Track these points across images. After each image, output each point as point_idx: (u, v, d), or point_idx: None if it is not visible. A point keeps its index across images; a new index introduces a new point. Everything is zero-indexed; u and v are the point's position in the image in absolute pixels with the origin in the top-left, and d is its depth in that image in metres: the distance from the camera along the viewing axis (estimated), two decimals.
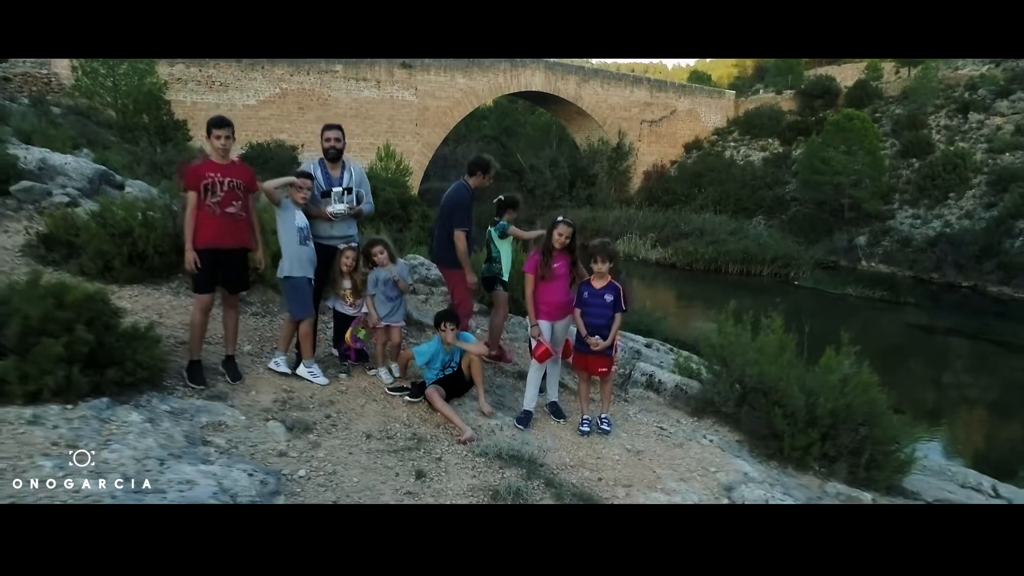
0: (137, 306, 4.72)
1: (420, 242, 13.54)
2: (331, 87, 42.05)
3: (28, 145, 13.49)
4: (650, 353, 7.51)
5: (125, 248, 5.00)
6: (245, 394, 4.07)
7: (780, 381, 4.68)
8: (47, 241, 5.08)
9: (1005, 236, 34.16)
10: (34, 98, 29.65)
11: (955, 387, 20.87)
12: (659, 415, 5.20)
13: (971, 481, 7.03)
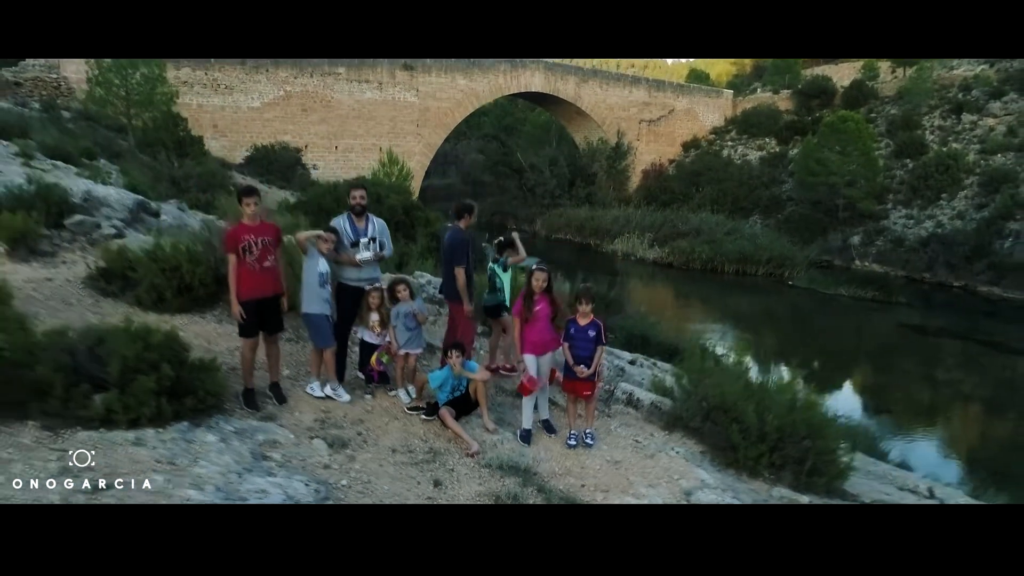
0: (188, 334, 5.44)
1: (425, 256, 14.23)
2: (334, 89, 42.63)
3: (54, 160, 14.21)
4: (633, 370, 8.18)
5: (174, 281, 5.73)
6: (290, 415, 4.79)
7: (737, 401, 5.35)
8: (105, 275, 5.79)
9: (995, 237, 34.84)
10: (45, 103, 30.31)
11: (943, 386, 21.60)
12: (636, 429, 5.91)
13: (909, 484, 7.74)
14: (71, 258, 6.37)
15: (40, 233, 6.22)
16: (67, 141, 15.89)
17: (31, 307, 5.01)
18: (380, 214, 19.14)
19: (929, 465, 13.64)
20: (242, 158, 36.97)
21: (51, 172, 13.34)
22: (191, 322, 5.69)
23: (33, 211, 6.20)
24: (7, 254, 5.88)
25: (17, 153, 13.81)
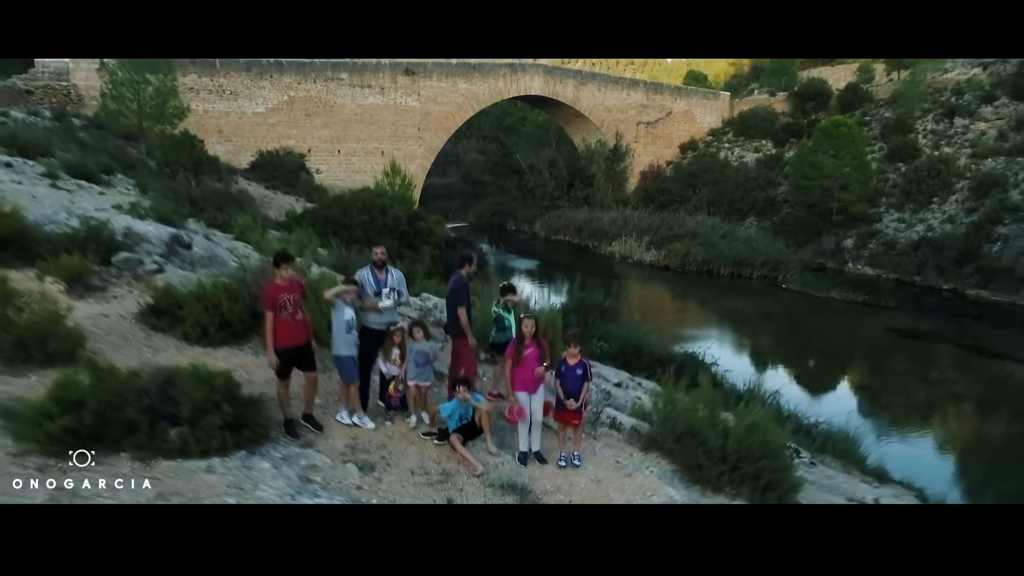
0: (230, 365, 6.20)
1: (430, 274, 14.98)
2: (337, 94, 43.35)
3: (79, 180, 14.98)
4: (619, 392, 8.91)
5: (216, 318, 6.49)
6: (325, 441, 5.55)
7: (702, 427, 6.09)
8: (154, 311, 6.56)
9: (984, 241, 35.61)
10: (56, 111, 31.07)
11: (926, 390, 22.41)
12: (618, 450, 6.67)
13: (858, 495, 8.52)
14: (120, 293, 7.12)
15: (92, 271, 6.99)
16: (87, 159, 16.64)
17: (95, 344, 5.77)
18: (385, 225, 19.82)
19: (907, 469, 14.34)
20: (247, 163, 37.65)
21: (76, 192, 14.13)
22: (231, 354, 6.46)
23: (87, 252, 6.98)
24: (66, 291, 6.65)
25: (43, 173, 14.59)
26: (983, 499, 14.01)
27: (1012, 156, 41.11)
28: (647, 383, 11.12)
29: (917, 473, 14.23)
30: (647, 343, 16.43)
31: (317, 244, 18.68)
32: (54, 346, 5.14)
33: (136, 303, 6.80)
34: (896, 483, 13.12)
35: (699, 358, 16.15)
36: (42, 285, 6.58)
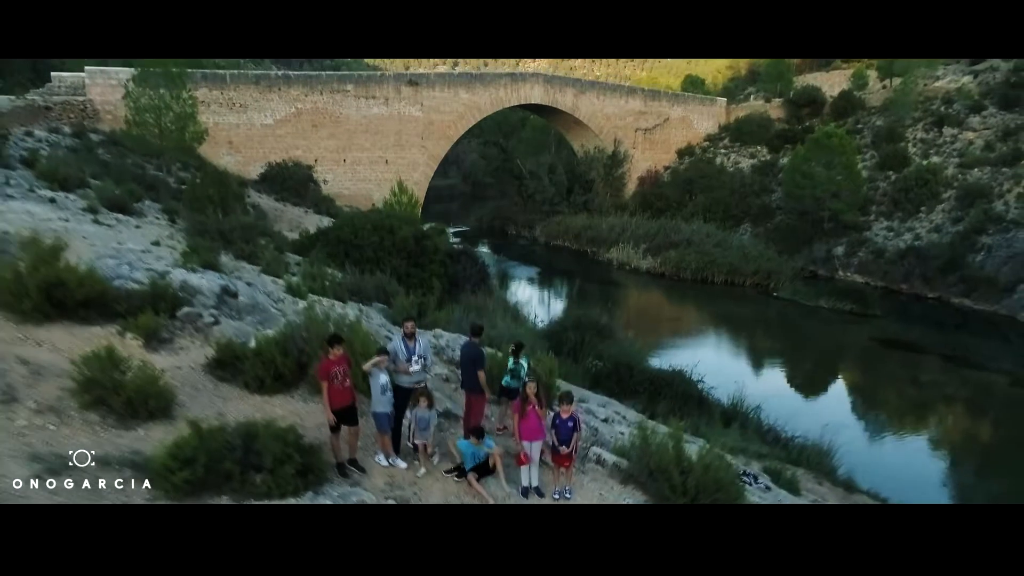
0: (285, 411, 7.47)
1: (441, 306, 16.26)
2: (343, 105, 44.50)
3: (117, 214, 16.26)
4: (605, 429, 10.10)
5: (271, 371, 7.77)
6: (369, 481, 6.81)
7: (668, 466, 7.32)
8: (219, 364, 7.85)
9: (968, 250, 36.80)
10: (75, 127, 32.29)
11: (901, 401, 23.75)
12: (601, 483, 7.94)
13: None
14: (185, 344, 8.40)
15: (163, 326, 8.28)
16: (120, 189, 17.92)
17: (176, 395, 7.06)
18: (394, 245, 21.06)
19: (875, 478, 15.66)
20: (257, 174, 38.86)
21: (117, 227, 15.44)
22: (285, 402, 7.73)
23: (157, 309, 8.26)
24: (143, 346, 7.93)
25: (85, 208, 15.90)
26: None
27: (997, 167, 42.25)
28: (632, 414, 12.39)
29: (885, 482, 15.52)
30: (639, 361, 17.72)
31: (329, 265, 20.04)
32: (153, 404, 6.43)
33: (201, 355, 8.08)
34: (863, 492, 14.43)
35: (687, 375, 17.43)
36: (123, 340, 7.88)
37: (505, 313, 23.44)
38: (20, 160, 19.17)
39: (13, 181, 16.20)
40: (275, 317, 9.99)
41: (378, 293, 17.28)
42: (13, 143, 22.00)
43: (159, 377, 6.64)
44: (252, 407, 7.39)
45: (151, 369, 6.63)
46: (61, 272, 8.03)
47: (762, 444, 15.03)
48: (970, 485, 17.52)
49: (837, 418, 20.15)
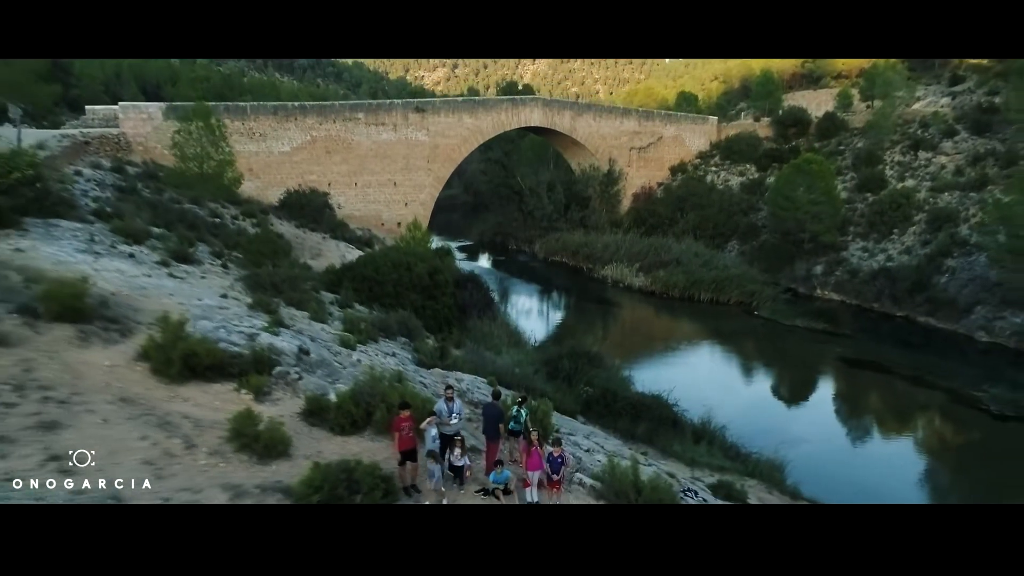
0: (360, 448, 10.44)
1: (459, 345, 19.34)
2: (354, 132, 47.53)
3: (184, 265, 19.27)
4: (587, 458, 13.04)
5: (350, 418, 10.77)
6: (424, 498, 9.81)
7: (627, 490, 10.30)
8: (309, 413, 10.85)
9: (935, 272, 39.90)
10: (113, 162, 35.30)
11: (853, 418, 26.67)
12: (581, 500, 10.87)
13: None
14: (280, 396, 11.39)
15: (267, 383, 11.32)
16: (181, 239, 20.99)
17: (291, 439, 10.09)
18: (411, 281, 24.29)
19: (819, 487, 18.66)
20: (277, 200, 41.92)
21: (188, 280, 18.50)
22: (359, 441, 10.72)
23: (261, 370, 11.30)
24: (253, 400, 10.94)
25: (158, 262, 18.98)
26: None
27: (966, 191, 45.32)
28: (611, 443, 15.45)
29: (830, 492, 18.51)
30: (624, 388, 20.81)
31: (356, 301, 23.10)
32: (280, 447, 9.49)
33: (294, 405, 11.09)
34: (806, 500, 17.49)
35: (663, 400, 20.50)
36: (239, 395, 10.90)
37: (508, 339, 26.55)
38: (91, 212, 22.19)
39: (97, 237, 19.24)
40: (338, 371, 13.05)
41: (401, 328, 20.37)
42: (75, 189, 24.94)
43: (283, 427, 9.71)
44: (338, 446, 10.45)
45: (277, 422, 9.69)
46: (194, 345, 11.10)
47: (724, 459, 18.08)
48: (907, 496, 20.45)
49: (796, 433, 23.21)
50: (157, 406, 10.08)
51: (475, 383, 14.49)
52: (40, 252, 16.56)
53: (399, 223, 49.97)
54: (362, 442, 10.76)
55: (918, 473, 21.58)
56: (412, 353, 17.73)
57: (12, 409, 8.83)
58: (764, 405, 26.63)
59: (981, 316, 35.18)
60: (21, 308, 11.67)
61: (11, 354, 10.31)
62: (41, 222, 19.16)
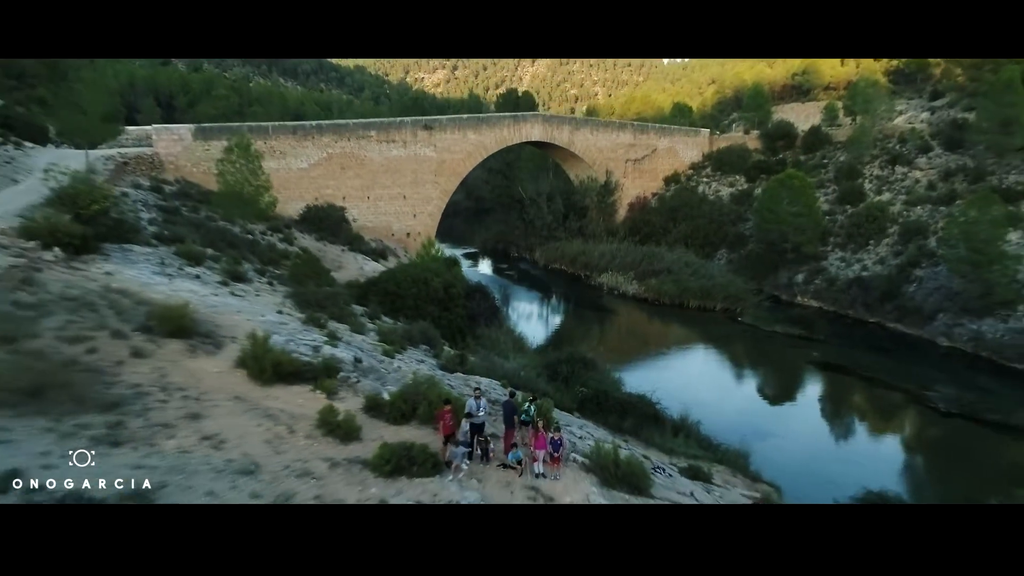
0: (411, 435, 13.74)
1: (472, 351, 22.78)
2: (367, 149, 50.89)
3: (241, 285, 22.67)
4: (580, 443, 16.39)
5: (400, 411, 14.09)
6: (458, 471, 13.18)
7: (607, 464, 13.64)
8: (369, 407, 14.17)
9: (904, 282, 43.31)
10: (151, 182, 38.68)
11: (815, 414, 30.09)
12: (574, 472, 14.02)
13: (686, 491, 16.16)
14: (344, 395, 14.69)
15: (334, 385, 14.72)
16: (232, 260, 24.40)
17: (360, 427, 13.48)
18: (428, 295, 28.05)
19: (778, 473, 22.03)
20: (297, 214, 45.30)
21: (247, 298, 21.88)
22: (409, 429, 13.99)
23: (330, 375, 14.71)
24: (326, 398, 14.29)
25: (220, 282, 22.39)
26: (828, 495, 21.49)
27: (936, 205, 48.75)
28: (600, 432, 18.87)
29: (786, 476, 21.90)
30: (614, 388, 24.23)
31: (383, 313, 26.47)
32: (354, 433, 12.88)
33: (356, 402, 14.43)
34: (764, 483, 20.89)
35: (647, 399, 23.88)
36: (315, 395, 14.26)
37: (513, 345, 29.98)
38: (152, 235, 25.57)
39: (166, 260, 22.65)
40: (385, 375, 16.46)
41: (422, 337, 23.80)
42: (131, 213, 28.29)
43: (355, 418, 13.13)
44: (393, 432, 13.84)
45: (350, 415, 13.11)
46: (278, 356, 14.53)
47: (698, 449, 21.49)
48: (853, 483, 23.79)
49: (764, 428, 26.64)
50: (260, 402, 13.51)
51: (491, 384, 17.92)
52: (125, 275, 19.87)
53: (408, 233, 53.48)
54: (411, 430, 14.16)
55: (865, 461, 24.96)
56: (435, 359, 21.17)
57: (165, 405, 12.25)
58: (738, 403, 30.02)
59: (943, 323, 38.58)
60: (140, 327, 15.10)
61: (147, 363, 13.75)
62: (117, 247, 22.56)
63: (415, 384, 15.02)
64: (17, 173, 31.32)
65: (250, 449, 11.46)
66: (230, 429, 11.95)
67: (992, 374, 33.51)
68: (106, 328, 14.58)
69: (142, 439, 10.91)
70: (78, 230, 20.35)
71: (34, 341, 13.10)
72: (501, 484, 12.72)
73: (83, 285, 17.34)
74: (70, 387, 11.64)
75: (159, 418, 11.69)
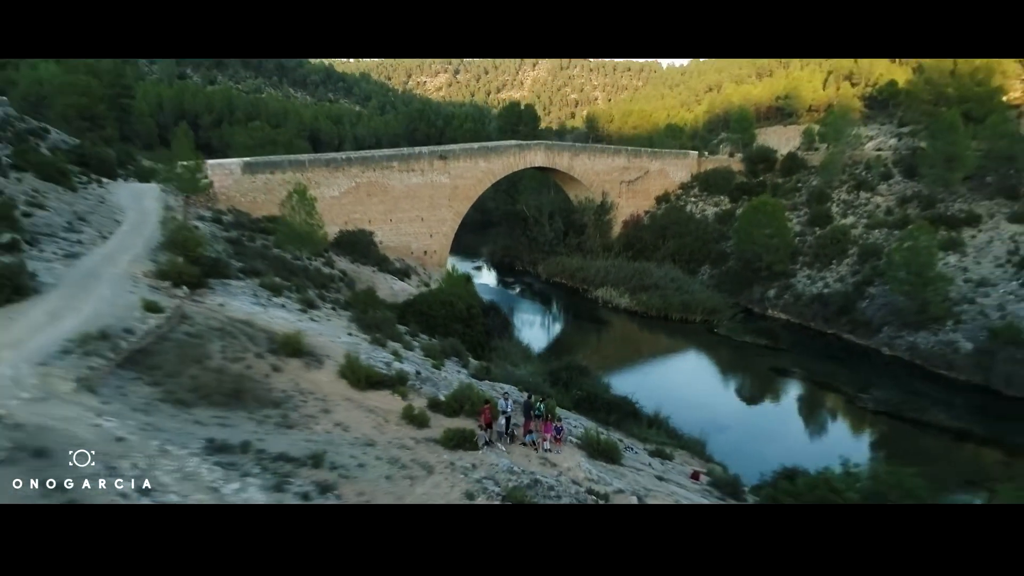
0: (462, 424, 20.26)
1: (490, 360, 29.56)
2: (389, 178, 57.62)
3: (315, 311, 29.47)
4: (575, 431, 23.05)
5: (453, 408, 20.66)
6: (495, 449, 19.71)
7: (593, 442, 20.16)
8: (431, 405, 20.69)
9: (858, 298, 49.99)
10: (212, 213, 45.42)
11: (767, 409, 36.88)
12: (571, 448, 20.68)
13: (646, 462, 22.80)
14: (413, 397, 21.22)
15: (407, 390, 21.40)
16: (301, 287, 31.16)
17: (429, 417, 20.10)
18: (454, 315, 35.68)
19: (728, 456, 28.73)
20: (332, 238, 52.03)
21: (323, 322, 28.64)
22: (459, 420, 20.54)
23: (403, 382, 21.40)
24: (402, 399, 20.92)
25: (300, 309, 29.15)
26: (758, 469, 28.07)
27: (892, 229, 55.36)
28: (588, 423, 25.64)
29: (735, 458, 28.60)
30: (603, 391, 31.01)
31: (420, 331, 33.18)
32: (425, 422, 19.57)
33: (421, 402, 21.04)
34: (715, 463, 27.63)
35: (630, 399, 30.61)
36: (394, 397, 20.91)
37: (522, 355, 36.76)
38: (238, 269, 32.30)
39: (257, 293, 29.38)
40: (437, 383, 23.21)
41: (452, 351, 30.53)
42: (210, 246, 34.99)
43: (425, 412, 19.88)
44: (449, 422, 20.45)
45: (423, 410, 19.86)
46: (368, 370, 21.29)
47: (666, 437, 28.22)
48: (779, 461, 30.43)
49: (723, 421, 33.39)
50: (362, 402, 20.28)
51: (512, 390, 24.69)
52: (232, 306, 26.56)
53: (425, 251, 60.25)
54: (461, 420, 20.86)
55: (796, 446, 31.72)
56: (466, 369, 27.94)
57: (306, 403, 18.99)
58: (705, 401, 36.70)
59: (887, 335, 45.29)
60: (270, 349, 21.86)
61: (284, 375, 20.50)
62: (219, 282, 29.32)
63: (460, 390, 21.79)
64: (114, 213, 38.02)
65: (365, 431, 18.22)
66: (349, 419, 18.70)
67: (922, 379, 40.12)
68: (249, 351, 21.32)
69: (302, 424, 17.65)
70: (195, 271, 27.02)
71: (211, 360, 19.88)
72: (522, 455, 19.46)
73: (215, 316, 24.03)
74: (252, 391, 18.42)
75: (306, 411, 18.44)
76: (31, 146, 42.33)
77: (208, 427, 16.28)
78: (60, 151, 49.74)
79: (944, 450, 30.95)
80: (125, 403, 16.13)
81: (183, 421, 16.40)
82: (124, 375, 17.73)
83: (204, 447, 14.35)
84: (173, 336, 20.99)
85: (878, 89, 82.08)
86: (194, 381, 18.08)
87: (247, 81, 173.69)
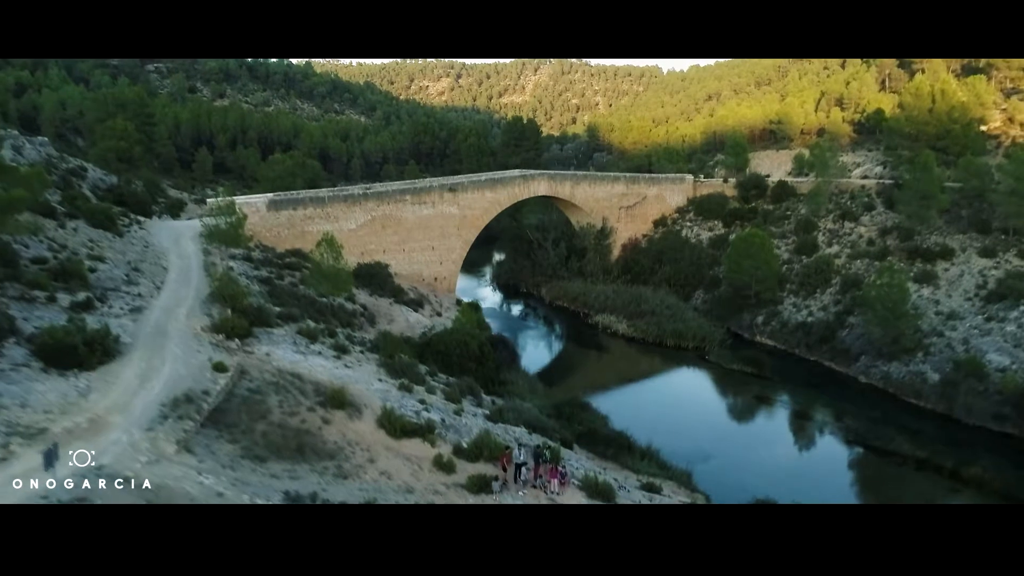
0: (484, 470, 24.14)
1: (504, 396, 33.57)
2: (403, 210, 61.52)
3: (347, 357, 33.53)
4: (577, 472, 26.97)
5: (476, 454, 24.62)
6: (511, 489, 23.58)
7: (590, 485, 24.06)
8: (455, 451, 24.66)
9: (839, 327, 53.84)
10: (245, 251, 49.33)
11: (749, 438, 40.82)
12: (573, 490, 24.54)
13: (638, 499, 26.79)
14: (440, 444, 25.14)
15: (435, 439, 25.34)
16: (328, 329, 35.18)
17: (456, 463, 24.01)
18: (468, 353, 40.06)
19: (713, 487, 32.70)
20: (351, 269, 55.95)
21: (356, 367, 32.66)
22: (480, 465, 24.29)
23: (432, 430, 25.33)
24: (431, 446, 24.80)
25: (334, 356, 33.16)
26: (739, 498, 32.05)
27: (872, 260, 59.22)
28: (590, 464, 29.62)
29: (721, 488, 32.54)
30: (601, 426, 34.99)
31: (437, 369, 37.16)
32: (452, 468, 23.49)
33: (448, 448, 24.94)
34: (700, 492, 31.60)
35: (625, 433, 34.57)
36: (425, 444, 24.84)
37: (529, 386, 40.76)
38: (277, 315, 36.28)
39: (298, 341, 33.34)
40: (459, 429, 27.18)
41: (468, 389, 34.49)
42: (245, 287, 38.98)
43: (452, 459, 23.83)
44: (471, 467, 24.39)
45: (450, 457, 23.81)
46: (402, 421, 25.28)
47: (656, 468, 32.16)
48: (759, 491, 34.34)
49: (709, 449, 37.33)
50: (399, 450, 24.26)
51: (523, 433, 28.70)
52: (276, 354, 30.55)
53: (435, 278, 64.17)
54: (482, 465, 24.87)
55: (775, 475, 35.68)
56: (481, 409, 31.91)
57: (354, 454, 22.99)
58: (693, 430, 40.60)
59: (863, 363, 49.18)
60: (318, 402, 25.85)
61: (334, 427, 24.44)
62: (261, 330, 33.31)
63: (480, 437, 25.78)
64: (159, 258, 41.96)
65: (405, 479, 22.22)
66: (391, 467, 22.70)
67: (892, 407, 43.88)
68: (302, 404, 25.30)
69: (354, 475, 21.65)
70: (245, 324, 30.97)
71: (272, 415, 23.90)
72: (532, 496, 23.47)
73: (267, 369, 28.02)
74: (311, 445, 22.42)
75: (356, 461, 22.43)
76: (79, 192, 46.39)
77: (282, 480, 20.26)
78: (99, 190, 53.90)
79: (899, 479, 34.88)
80: (216, 461, 20.12)
81: (262, 475, 20.38)
82: (208, 434, 21.73)
83: (283, 499, 18.32)
84: (238, 392, 24.96)
85: (866, 116, 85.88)
86: (265, 438, 22.08)
87: (255, 94, 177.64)
